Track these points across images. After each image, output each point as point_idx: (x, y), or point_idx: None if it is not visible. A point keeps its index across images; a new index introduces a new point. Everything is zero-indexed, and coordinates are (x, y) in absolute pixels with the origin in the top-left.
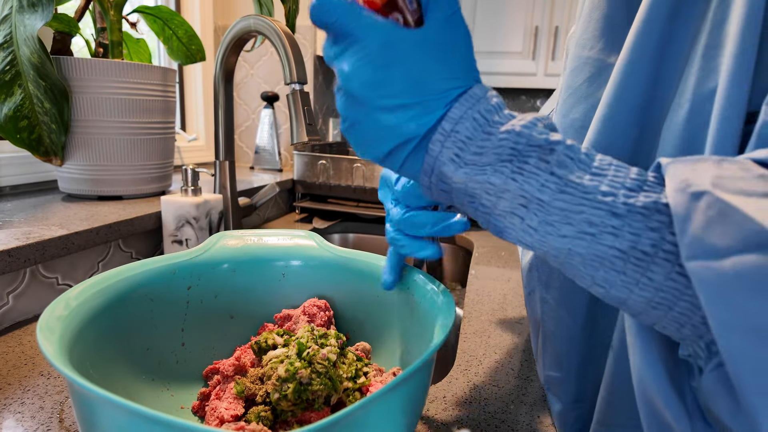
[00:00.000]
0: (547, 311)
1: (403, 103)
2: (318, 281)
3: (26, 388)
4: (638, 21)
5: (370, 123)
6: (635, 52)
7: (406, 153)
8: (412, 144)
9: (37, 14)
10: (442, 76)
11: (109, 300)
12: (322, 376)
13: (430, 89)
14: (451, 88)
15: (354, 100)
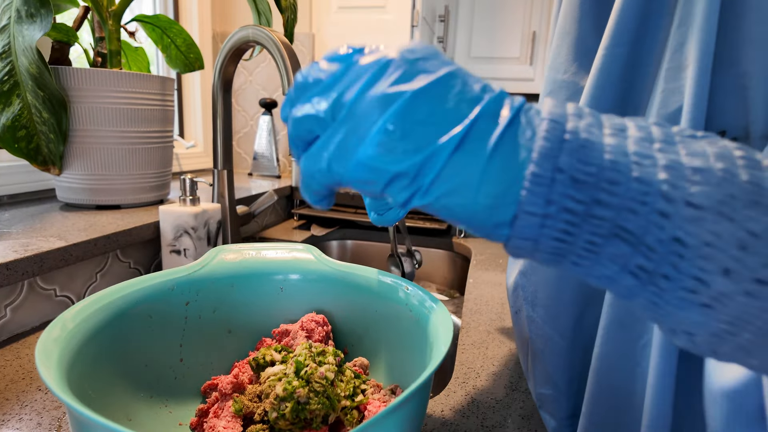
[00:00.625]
0: (534, 330)
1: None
2: (316, 295)
3: (24, 403)
4: (603, 46)
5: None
6: (602, 77)
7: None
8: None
9: (36, 25)
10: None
11: (107, 318)
12: (320, 395)
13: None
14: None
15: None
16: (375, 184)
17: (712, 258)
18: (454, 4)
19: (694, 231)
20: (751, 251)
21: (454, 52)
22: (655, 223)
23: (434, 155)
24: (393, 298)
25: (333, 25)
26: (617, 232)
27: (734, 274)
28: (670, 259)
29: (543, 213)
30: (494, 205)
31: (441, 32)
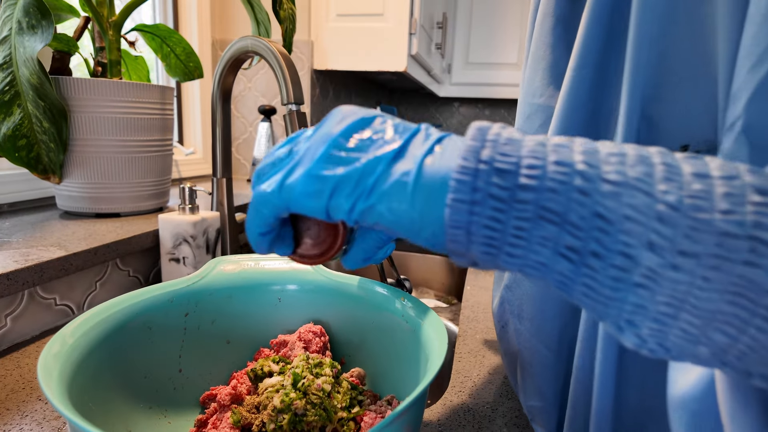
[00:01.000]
0: (522, 342)
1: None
2: (314, 306)
3: (24, 413)
4: (570, 68)
5: None
6: (570, 98)
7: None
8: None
9: (37, 36)
10: None
11: (106, 331)
12: (317, 407)
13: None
14: None
15: None
16: (322, 194)
17: (634, 232)
18: (452, 11)
19: (612, 206)
20: (670, 223)
21: (452, 58)
22: (576, 200)
23: (376, 163)
24: (389, 309)
25: (331, 33)
26: (541, 213)
27: (658, 247)
28: (595, 234)
29: (470, 200)
30: (428, 203)
31: (439, 39)
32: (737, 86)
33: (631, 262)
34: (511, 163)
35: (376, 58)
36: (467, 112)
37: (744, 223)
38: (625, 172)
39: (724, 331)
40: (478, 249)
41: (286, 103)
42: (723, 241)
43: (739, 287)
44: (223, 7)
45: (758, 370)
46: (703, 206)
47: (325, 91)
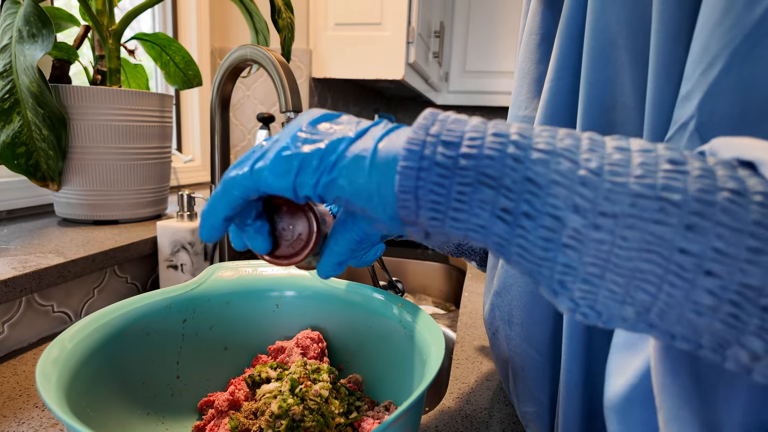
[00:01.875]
0: (513, 348)
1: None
2: (311, 312)
3: (21, 420)
4: (548, 79)
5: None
6: (550, 107)
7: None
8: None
9: (37, 45)
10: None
11: (105, 337)
12: (315, 413)
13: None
14: None
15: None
16: (289, 172)
17: (560, 195)
18: (449, 20)
19: (541, 171)
20: (592, 186)
21: (450, 66)
22: (510, 167)
23: (338, 143)
24: (387, 315)
25: (330, 42)
26: (480, 178)
27: (582, 209)
28: (526, 197)
29: (418, 167)
30: (383, 174)
31: (436, 48)
32: (688, 89)
33: (559, 223)
34: (455, 136)
35: (373, 66)
36: None
37: (654, 186)
38: (554, 143)
39: (644, 288)
40: (426, 215)
41: (284, 111)
42: (636, 201)
43: (652, 245)
44: (222, 16)
45: (678, 330)
46: (620, 172)
47: (323, 99)
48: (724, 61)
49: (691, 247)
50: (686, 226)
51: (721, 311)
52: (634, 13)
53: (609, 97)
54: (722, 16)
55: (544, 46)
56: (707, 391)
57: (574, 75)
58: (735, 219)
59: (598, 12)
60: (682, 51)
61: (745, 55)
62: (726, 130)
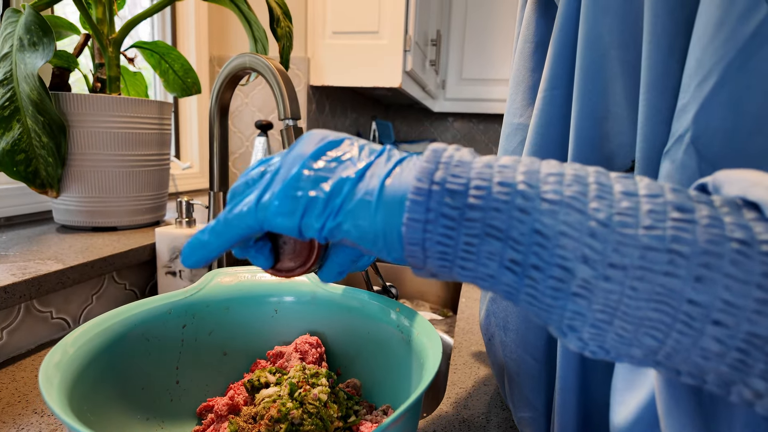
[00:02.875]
0: (508, 354)
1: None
2: (310, 317)
3: (20, 426)
4: (542, 89)
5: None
6: (544, 116)
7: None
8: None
9: (38, 53)
10: None
11: (106, 342)
12: (314, 417)
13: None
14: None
15: None
16: (294, 214)
17: (569, 247)
18: (445, 28)
19: (549, 222)
20: (601, 239)
21: (447, 74)
22: (517, 218)
23: (343, 184)
24: (384, 320)
25: (328, 50)
26: (487, 230)
27: (591, 260)
28: (534, 249)
29: (424, 219)
30: (388, 220)
31: (433, 56)
32: (684, 101)
33: (568, 274)
34: (461, 184)
35: (371, 74)
36: (461, 126)
37: (664, 237)
38: (561, 191)
39: (652, 335)
40: (434, 263)
41: (283, 118)
42: (646, 254)
43: (662, 296)
44: (220, 24)
45: (684, 368)
46: (629, 223)
47: (321, 107)
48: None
49: (700, 298)
50: (695, 278)
51: (727, 357)
52: (625, 24)
53: (602, 107)
54: (716, 30)
55: (538, 54)
56: (708, 414)
57: (567, 84)
58: (743, 271)
59: (590, 23)
60: (674, 63)
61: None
62: (720, 142)
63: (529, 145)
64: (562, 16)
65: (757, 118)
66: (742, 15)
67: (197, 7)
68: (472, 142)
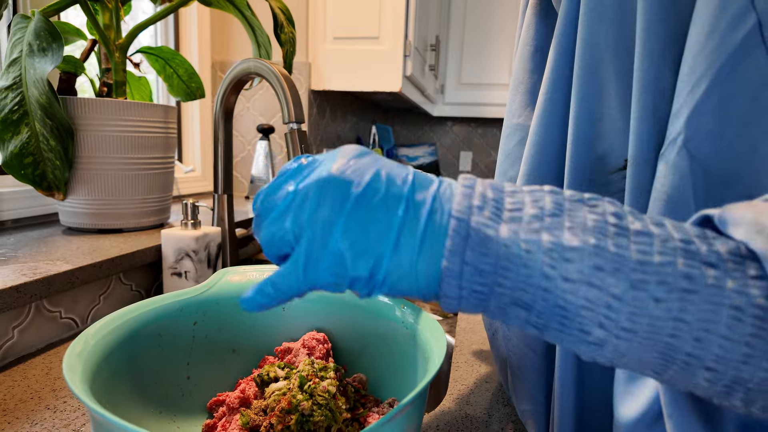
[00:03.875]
0: (511, 348)
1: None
2: (317, 314)
3: (34, 422)
4: (543, 92)
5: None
6: (546, 117)
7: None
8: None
9: (47, 58)
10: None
11: (122, 337)
12: (323, 408)
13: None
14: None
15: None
16: (341, 285)
17: (588, 317)
18: (444, 34)
19: (571, 299)
20: (616, 309)
21: (446, 79)
22: (541, 297)
23: (380, 258)
24: (389, 316)
25: (328, 55)
26: (515, 301)
27: (606, 326)
28: (557, 319)
29: (458, 296)
30: (428, 284)
31: (432, 61)
32: (678, 106)
33: (585, 334)
34: (489, 264)
35: (371, 79)
36: (460, 130)
37: (671, 309)
38: (582, 269)
39: (653, 370)
40: (468, 311)
41: (287, 122)
42: (654, 322)
43: (664, 349)
44: (222, 30)
45: (684, 386)
46: (641, 297)
47: (322, 111)
48: (709, 80)
49: (696, 353)
50: (695, 338)
51: (715, 389)
52: (620, 32)
53: (597, 109)
54: (707, 38)
55: (537, 57)
56: (709, 410)
57: (566, 88)
58: (735, 333)
59: (587, 30)
60: (666, 68)
61: (727, 74)
62: (710, 144)
63: (530, 145)
64: (562, 23)
65: (743, 121)
66: (731, 23)
67: (200, 12)
68: (471, 146)
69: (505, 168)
